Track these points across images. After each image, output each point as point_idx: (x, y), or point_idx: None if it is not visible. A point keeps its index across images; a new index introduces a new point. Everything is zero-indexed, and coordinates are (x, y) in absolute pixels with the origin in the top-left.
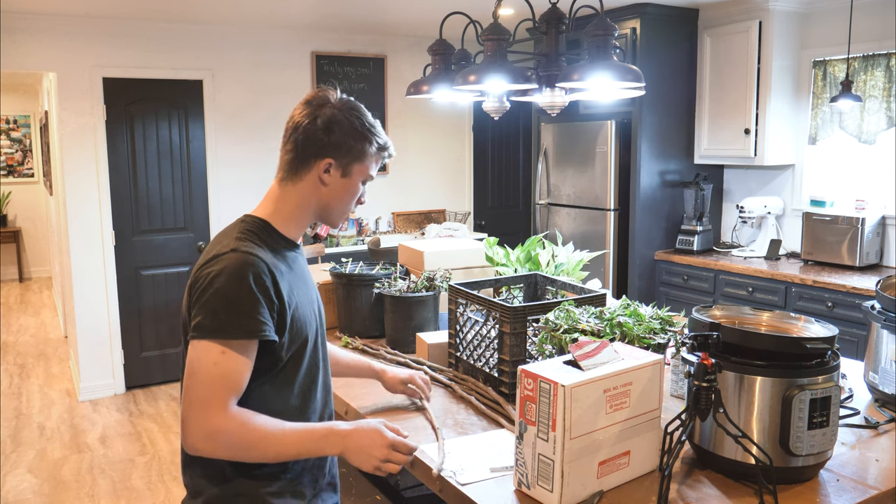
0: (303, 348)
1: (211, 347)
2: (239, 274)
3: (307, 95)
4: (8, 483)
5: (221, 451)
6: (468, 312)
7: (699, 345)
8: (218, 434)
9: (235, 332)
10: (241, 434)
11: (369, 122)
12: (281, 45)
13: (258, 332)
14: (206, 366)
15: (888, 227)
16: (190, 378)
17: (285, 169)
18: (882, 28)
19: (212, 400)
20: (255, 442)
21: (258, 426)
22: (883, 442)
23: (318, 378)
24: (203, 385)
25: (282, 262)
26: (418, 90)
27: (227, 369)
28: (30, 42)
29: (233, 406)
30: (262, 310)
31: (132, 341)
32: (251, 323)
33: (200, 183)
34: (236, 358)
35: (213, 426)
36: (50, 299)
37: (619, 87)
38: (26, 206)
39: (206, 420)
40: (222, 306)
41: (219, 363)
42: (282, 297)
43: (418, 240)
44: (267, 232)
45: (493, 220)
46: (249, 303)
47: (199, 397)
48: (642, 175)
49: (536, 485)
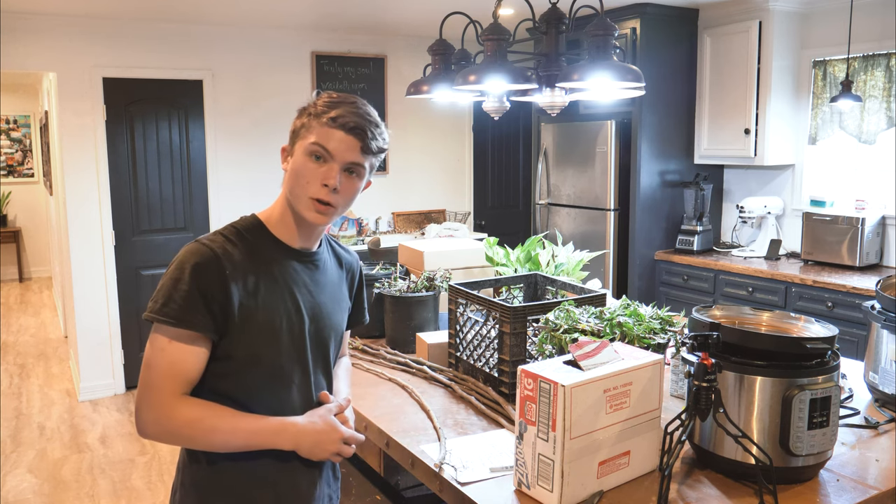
0: (260, 359)
1: (157, 336)
2: (183, 261)
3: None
4: (8, 483)
5: (169, 438)
6: (468, 312)
7: (699, 345)
8: (164, 419)
9: (164, 316)
10: (188, 427)
11: (322, 100)
12: (281, 45)
13: (184, 321)
14: (154, 352)
15: (888, 227)
16: (142, 371)
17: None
18: (882, 28)
19: (159, 386)
20: (199, 435)
21: (208, 420)
22: (883, 442)
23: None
24: (151, 371)
25: (258, 263)
26: (418, 90)
27: (173, 357)
28: (30, 42)
29: (182, 394)
30: (193, 302)
31: (132, 341)
32: (179, 312)
33: (200, 183)
34: (181, 347)
35: (158, 412)
36: (50, 299)
37: (619, 87)
38: (26, 206)
39: (151, 406)
40: (160, 290)
41: (165, 350)
42: (228, 293)
43: (418, 240)
44: (253, 231)
45: (493, 220)
46: (181, 291)
47: (145, 383)
48: (642, 175)
49: (536, 485)
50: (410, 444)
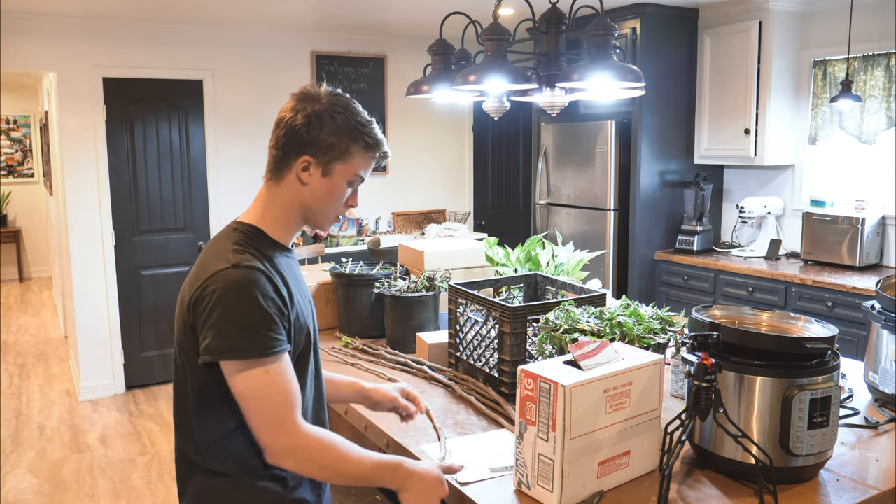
0: (305, 352)
1: (253, 373)
2: (246, 292)
3: (298, 90)
4: (8, 483)
5: (305, 467)
6: (468, 312)
7: (699, 345)
8: (300, 451)
9: (252, 350)
10: (324, 455)
11: (358, 119)
12: (281, 45)
13: (273, 348)
14: (258, 390)
15: (888, 227)
16: (249, 407)
17: (270, 168)
18: (882, 28)
19: (281, 419)
20: (333, 462)
21: (339, 449)
22: (883, 442)
23: (309, 382)
24: (265, 410)
25: (278, 268)
26: (418, 90)
27: (278, 387)
28: (30, 42)
29: (301, 420)
30: (274, 326)
31: (132, 341)
32: (265, 341)
33: (200, 183)
34: (281, 371)
35: (291, 443)
36: (50, 299)
37: (619, 87)
38: (26, 206)
39: (282, 440)
40: (234, 327)
41: (268, 384)
42: (287, 306)
43: (418, 240)
44: (260, 239)
45: (493, 220)
46: (261, 321)
47: (267, 421)
48: (642, 175)
49: (536, 485)
50: (410, 444)
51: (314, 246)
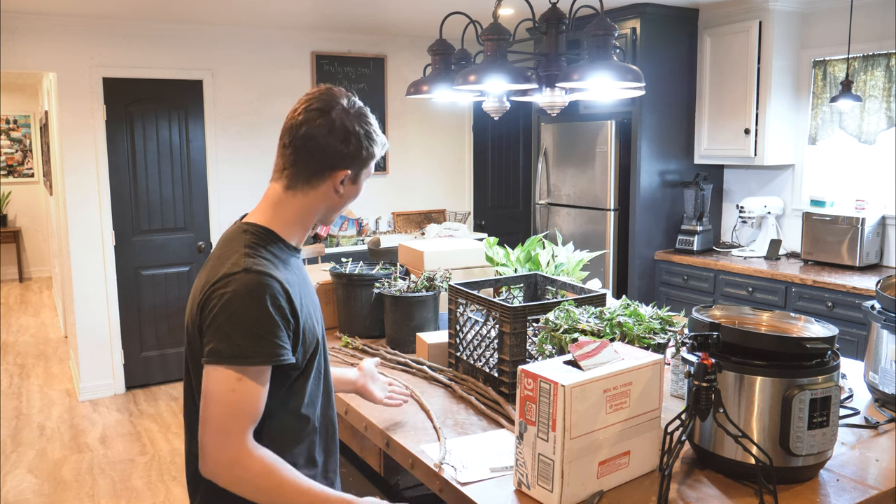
0: (314, 356)
1: (228, 374)
2: (255, 297)
3: (311, 94)
4: (8, 483)
5: (238, 486)
6: (468, 312)
7: (699, 345)
8: (238, 467)
9: (253, 358)
10: (262, 478)
11: (375, 124)
12: (281, 45)
13: (276, 357)
14: (224, 392)
15: (888, 227)
16: (207, 406)
17: (292, 177)
18: (882, 28)
19: (232, 428)
20: (271, 489)
21: (280, 474)
22: (883, 442)
23: (320, 382)
24: (221, 413)
25: (289, 271)
26: (418, 90)
27: (244, 396)
28: (30, 42)
29: (251, 437)
30: (280, 333)
31: (132, 341)
32: (269, 348)
33: (200, 183)
34: (253, 386)
35: (232, 457)
36: (50, 299)
37: (619, 87)
38: (26, 206)
39: (225, 449)
40: (239, 331)
41: (236, 390)
42: (297, 315)
43: (418, 240)
44: (272, 241)
45: (493, 220)
46: (267, 327)
47: (218, 426)
48: (642, 175)
49: (536, 485)
50: (410, 444)
51: (314, 246)
